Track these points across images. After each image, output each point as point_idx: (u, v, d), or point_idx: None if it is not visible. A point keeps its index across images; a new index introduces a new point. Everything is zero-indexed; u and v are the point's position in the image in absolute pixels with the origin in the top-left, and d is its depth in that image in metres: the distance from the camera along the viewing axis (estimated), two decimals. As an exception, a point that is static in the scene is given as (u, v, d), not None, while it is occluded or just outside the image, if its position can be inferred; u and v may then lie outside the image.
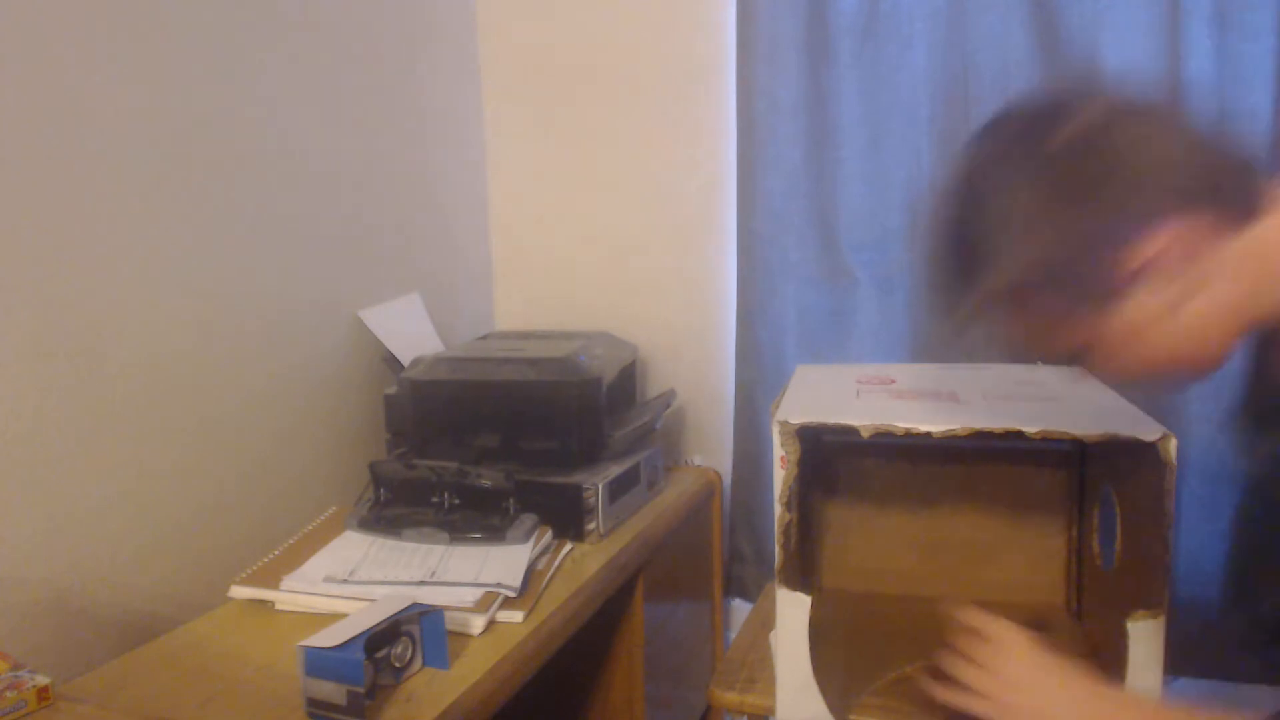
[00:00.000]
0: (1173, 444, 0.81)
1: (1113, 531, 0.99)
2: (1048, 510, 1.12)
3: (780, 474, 0.90)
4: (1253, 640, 1.50)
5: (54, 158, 1.09)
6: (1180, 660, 1.51)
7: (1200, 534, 1.49)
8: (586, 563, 1.28)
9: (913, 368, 1.16)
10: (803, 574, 1.13)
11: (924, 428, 0.86)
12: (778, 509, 0.91)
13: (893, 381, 1.06)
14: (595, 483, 1.36)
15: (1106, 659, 0.94)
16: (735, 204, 1.72)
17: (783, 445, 0.89)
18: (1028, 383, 1.04)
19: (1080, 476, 1.12)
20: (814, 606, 0.92)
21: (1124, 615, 0.85)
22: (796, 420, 0.89)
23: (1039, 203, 0.66)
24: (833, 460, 1.19)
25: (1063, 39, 1.48)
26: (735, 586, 1.85)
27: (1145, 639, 0.85)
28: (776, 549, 0.92)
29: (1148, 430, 0.83)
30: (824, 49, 1.61)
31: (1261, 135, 1.40)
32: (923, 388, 1.01)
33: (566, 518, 1.34)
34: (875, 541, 1.16)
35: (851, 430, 0.88)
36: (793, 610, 0.93)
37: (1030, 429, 0.84)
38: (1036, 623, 1.05)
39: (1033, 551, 1.14)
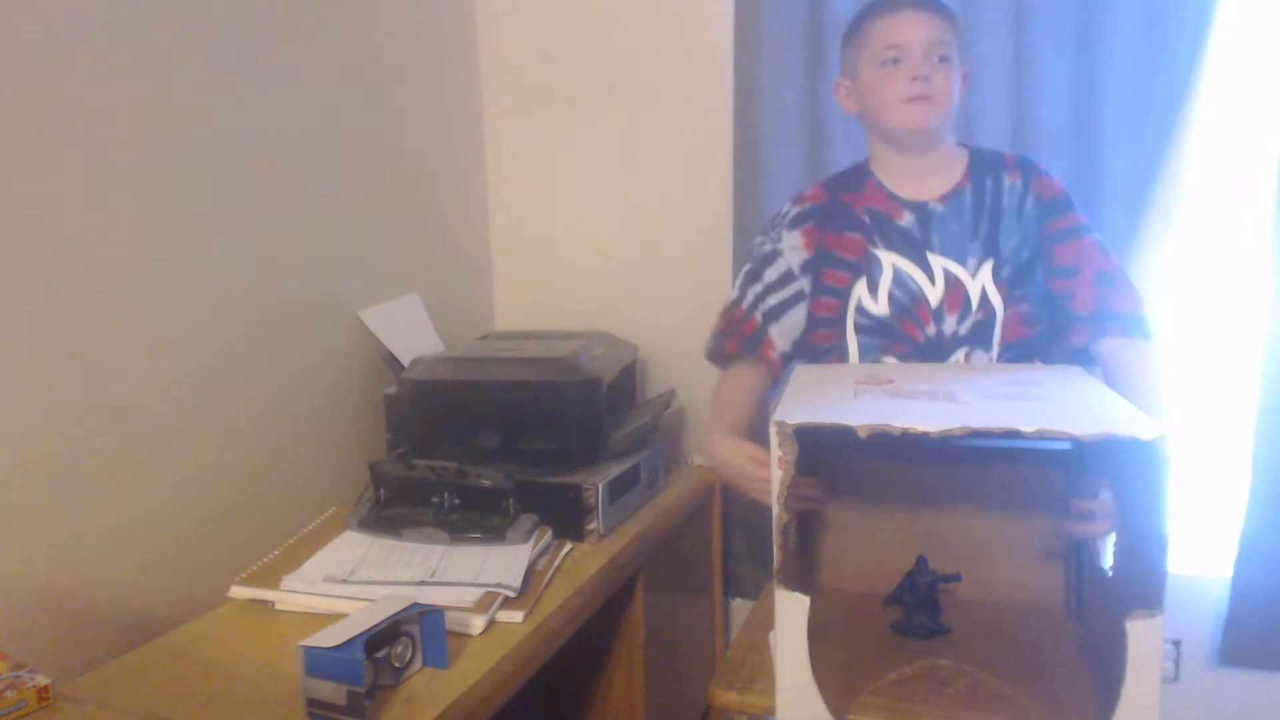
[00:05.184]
0: (1169, 443, 0.81)
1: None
2: (1046, 510, 1.12)
3: (778, 474, 0.89)
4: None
5: (54, 157, 1.10)
6: (1239, 651, 1.52)
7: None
8: (586, 563, 1.28)
9: (911, 367, 1.16)
10: (802, 574, 1.13)
11: (921, 428, 0.86)
12: (775, 509, 0.90)
13: (891, 381, 1.05)
14: (595, 483, 1.36)
15: (1105, 659, 0.94)
16: (732, 205, 1.73)
17: (780, 446, 0.89)
18: (1026, 383, 1.04)
19: (1079, 475, 1.12)
20: (813, 606, 0.92)
21: (1123, 615, 0.85)
22: (794, 421, 0.89)
23: None
24: (831, 460, 1.19)
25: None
26: (732, 584, 1.85)
27: (1144, 638, 0.84)
28: (775, 549, 0.92)
29: (1145, 428, 0.82)
30: (820, 51, 1.62)
31: None
32: (920, 388, 1.01)
33: (566, 518, 1.34)
34: (874, 541, 1.16)
35: (849, 431, 0.87)
36: (792, 610, 0.93)
37: (1027, 428, 0.84)
38: (1028, 626, 1.05)
39: (1031, 551, 1.14)
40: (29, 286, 1.07)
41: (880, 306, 1.25)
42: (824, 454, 1.18)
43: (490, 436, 1.43)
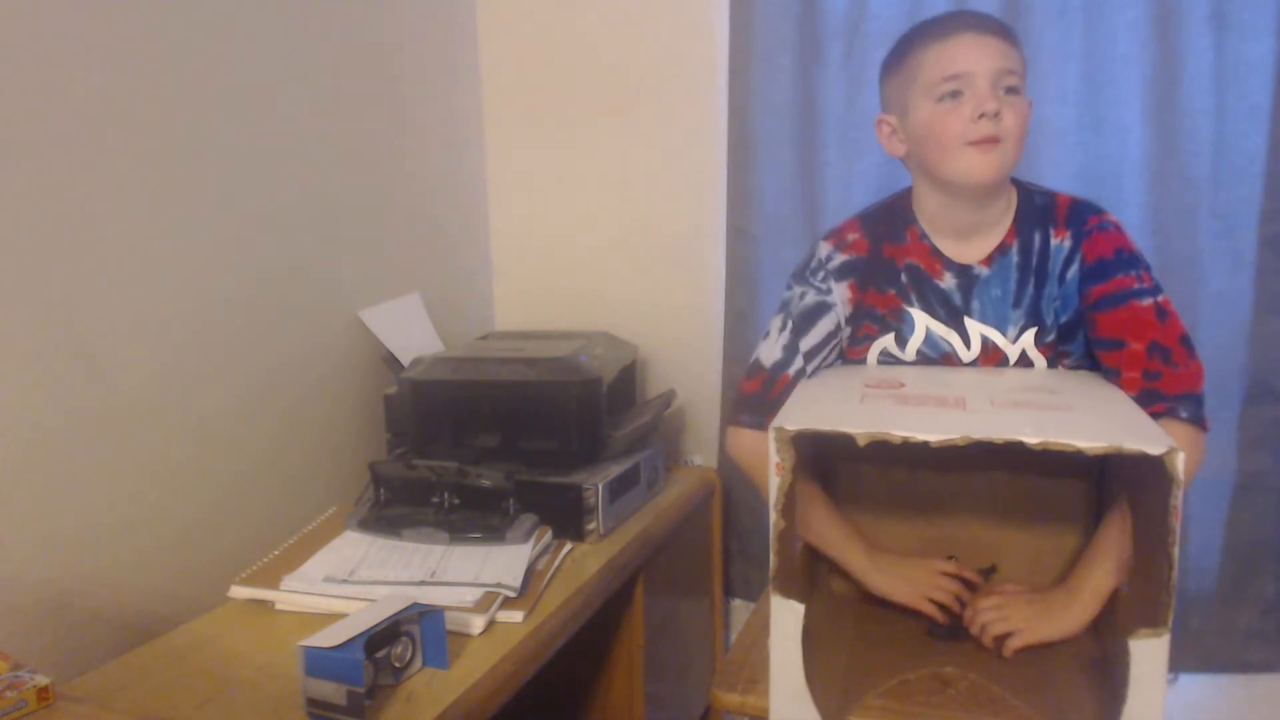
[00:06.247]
0: (1179, 458, 0.79)
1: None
2: (1065, 520, 1.09)
3: (775, 480, 0.89)
4: (1263, 629, 1.50)
5: (53, 158, 1.09)
6: (1183, 655, 1.52)
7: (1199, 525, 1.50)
8: (586, 563, 1.28)
9: (925, 371, 1.13)
10: (807, 577, 1.12)
11: (921, 436, 0.84)
12: (772, 515, 0.90)
13: (902, 385, 1.04)
14: (595, 483, 1.36)
15: (1113, 676, 0.93)
16: (725, 205, 1.73)
17: (778, 452, 0.88)
18: (1043, 389, 1.02)
19: (1100, 486, 1.10)
20: (817, 611, 0.92)
21: (1129, 631, 0.84)
22: (793, 427, 0.88)
23: None
24: (836, 465, 1.18)
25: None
26: (732, 585, 1.85)
27: (1148, 657, 0.83)
28: (771, 555, 0.91)
29: (1154, 443, 0.81)
30: (815, 50, 1.61)
31: (1260, 136, 1.41)
32: (930, 393, 1.00)
33: (566, 518, 1.34)
34: (883, 546, 1.15)
35: (848, 438, 0.87)
36: (786, 616, 0.92)
37: (1031, 440, 0.82)
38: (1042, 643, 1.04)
39: (1046, 561, 1.11)
40: (28, 286, 1.07)
41: (906, 356, 1.17)
42: (829, 458, 1.17)
43: (490, 436, 1.42)
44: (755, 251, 1.70)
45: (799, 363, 1.16)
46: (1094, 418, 0.91)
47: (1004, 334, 1.13)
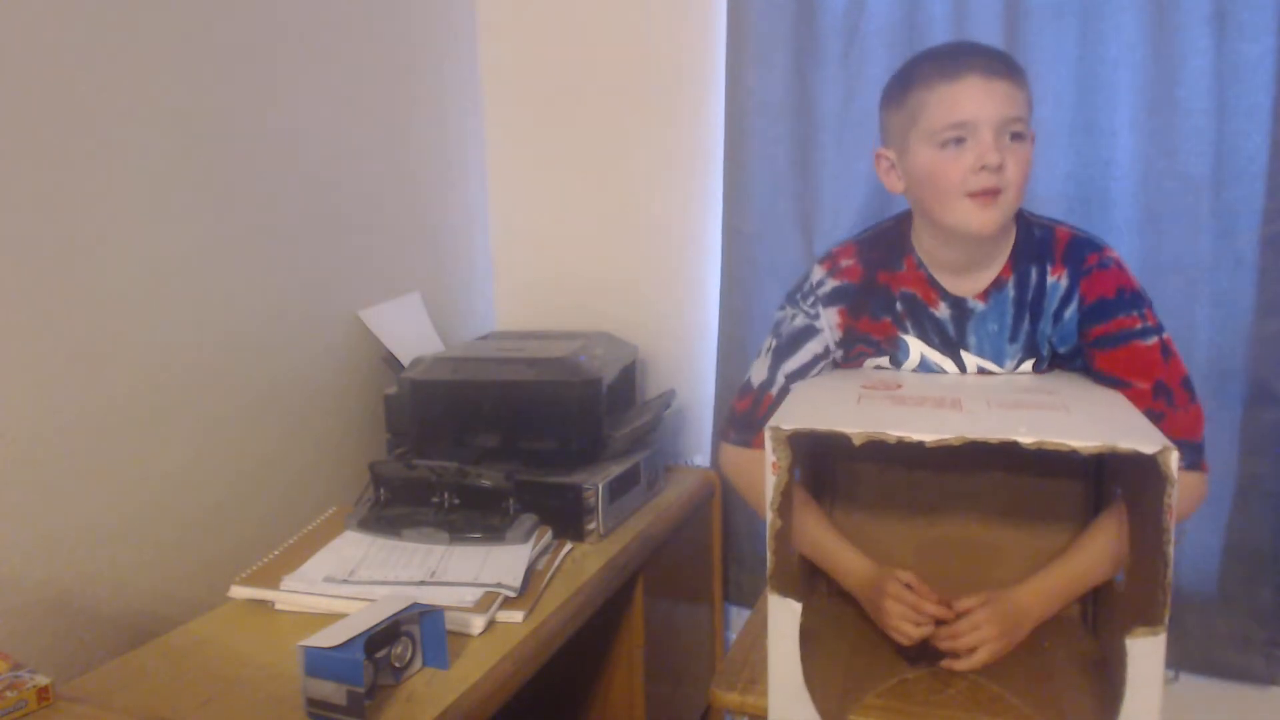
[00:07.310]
0: (1174, 457, 0.79)
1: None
2: (1062, 520, 1.09)
3: (771, 480, 0.89)
4: (1259, 638, 1.50)
5: (55, 158, 1.09)
6: (1183, 657, 1.52)
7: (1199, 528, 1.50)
8: (586, 563, 1.28)
9: (922, 375, 1.14)
10: (804, 577, 1.12)
11: (916, 436, 0.85)
12: (769, 515, 0.90)
13: (899, 387, 1.04)
14: (595, 483, 1.36)
15: (1111, 674, 0.93)
16: (721, 203, 1.73)
17: (774, 451, 0.88)
18: (1040, 391, 1.02)
19: (1097, 487, 1.10)
20: (816, 611, 0.92)
21: (1126, 631, 0.85)
22: (788, 426, 0.88)
23: None
24: (833, 466, 1.18)
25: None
26: (732, 588, 1.85)
27: (1144, 656, 0.83)
28: (768, 555, 0.91)
29: (1148, 442, 0.81)
30: (812, 49, 1.61)
31: (1260, 135, 1.41)
32: (927, 394, 1.00)
33: (566, 518, 1.34)
34: (880, 548, 1.15)
35: (844, 437, 0.87)
36: (784, 615, 0.92)
37: (1025, 439, 0.83)
38: (1041, 637, 1.04)
39: (1044, 562, 1.10)
40: (29, 286, 1.07)
41: None
42: (826, 458, 1.17)
43: (490, 436, 1.42)
44: (752, 251, 1.69)
45: (780, 381, 1.17)
46: (1089, 418, 0.91)
47: (1000, 366, 1.13)
